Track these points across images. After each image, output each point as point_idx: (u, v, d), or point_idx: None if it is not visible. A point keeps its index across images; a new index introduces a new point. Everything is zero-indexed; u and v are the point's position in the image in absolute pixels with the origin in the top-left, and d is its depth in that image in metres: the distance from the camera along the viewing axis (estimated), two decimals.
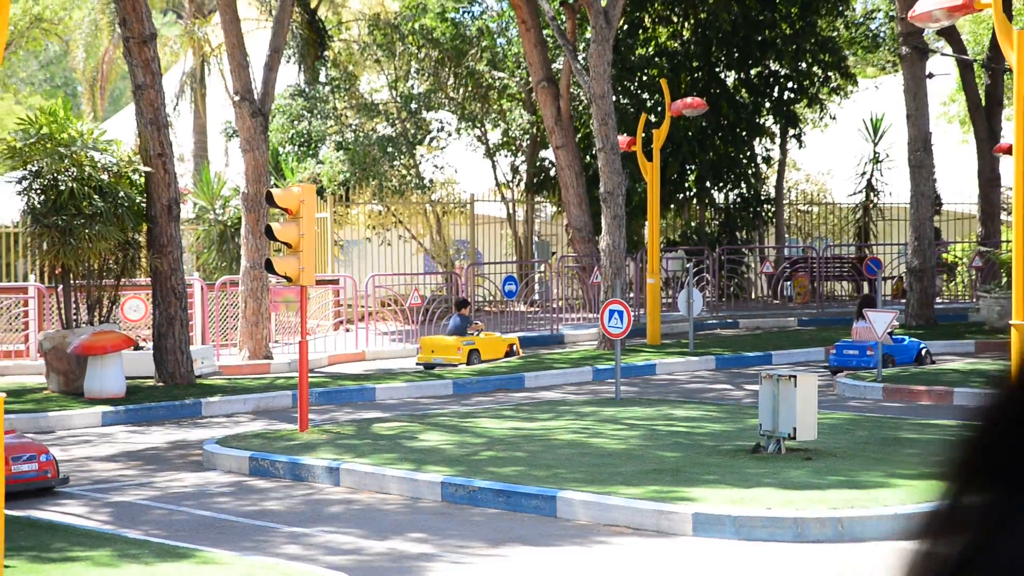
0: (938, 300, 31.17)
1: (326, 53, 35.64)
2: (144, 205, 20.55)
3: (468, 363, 23.07)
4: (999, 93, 34.24)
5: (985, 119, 33.47)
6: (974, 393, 18.20)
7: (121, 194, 19.99)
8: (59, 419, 17.90)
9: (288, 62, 32.25)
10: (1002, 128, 34.63)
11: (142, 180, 20.57)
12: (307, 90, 35.03)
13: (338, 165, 33.10)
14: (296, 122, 34.78)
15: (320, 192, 31.67)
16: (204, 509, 12.27)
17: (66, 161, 19.61)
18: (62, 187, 19.49)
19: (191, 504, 12.50)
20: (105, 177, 19.93)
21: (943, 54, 37.51)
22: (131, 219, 20.15)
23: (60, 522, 11.53)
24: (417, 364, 23.59)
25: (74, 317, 20.46)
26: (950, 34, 33.93)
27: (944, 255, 33.61)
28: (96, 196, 19.63)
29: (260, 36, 34.83)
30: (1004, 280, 27.23)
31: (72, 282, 20.39)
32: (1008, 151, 30.18)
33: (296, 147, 34.62)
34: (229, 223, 28.88)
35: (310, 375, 18.13)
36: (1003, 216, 35.50)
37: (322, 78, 35.61)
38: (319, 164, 33.62)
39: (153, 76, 20.51)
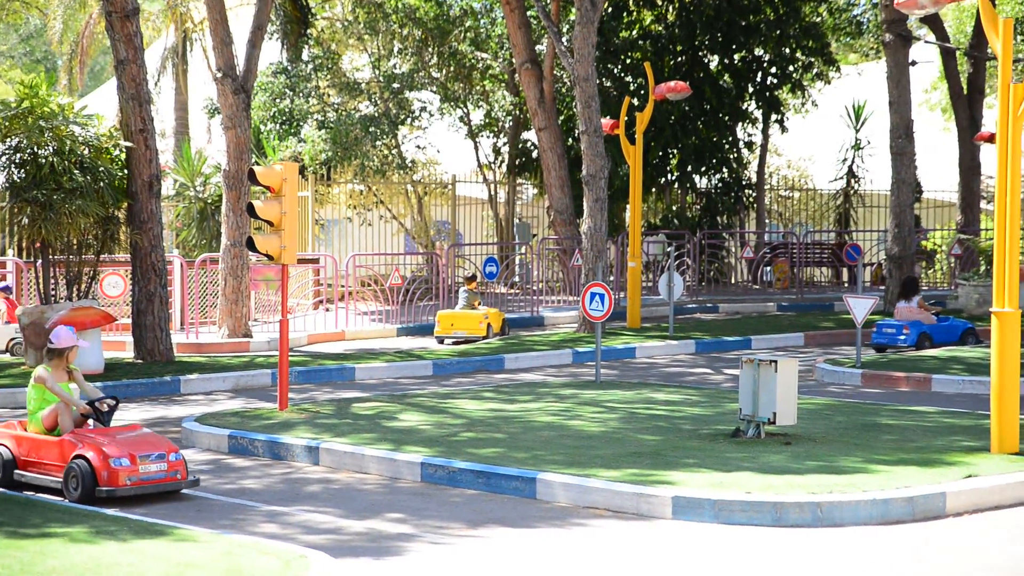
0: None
1: (309, 31, 35.47)
2: (125, 181, 20.45)
3: (486, 336, 23.98)
4: (981, 81, 34.33)
5: (967, 107, 33.56)
6: (952, 380, 18.30)
7: (102, 169, 19.88)
8: None
9: (271, 39, 32.04)
10: (983, 116, 34.73)
11: (123, 156, 20.45)
12: (290, 68, 34.87)
13: (320, 144, 32.99)
14: (278, 100, 34.62)
15: (302, 171, 31.56)
16: None
17: (47, 135, 19.48)
18: (42, 161, 19.36)
19: None
20: (86, 152, 19.82)
21: (926, 42, 37.57)
22: (111, 195, 20.03)
23: (37, 498, 11.49)
24: (436, 336, 24.15)
25: (53, 292, 20.37)
26: (933, 22, 33.98)
27: (923, 242, 33.70)
28: (76, 171, 19.52)
29: (243, 13, 34.66)
30: (983, 268, 27.35)
31: (51, 257, 20.29)
32: (989, 139, 30.28)
33: (278, 125, 34.47)
34: (209, 200, 28.76)
35: (290, 354, 18.09)
36: (983, 204, 35.63)
37: (305, 56, 35.45)
38: (301, 143, 33.48)
39: (135, 51, 20.37)
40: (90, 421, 12.09)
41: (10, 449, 12.12)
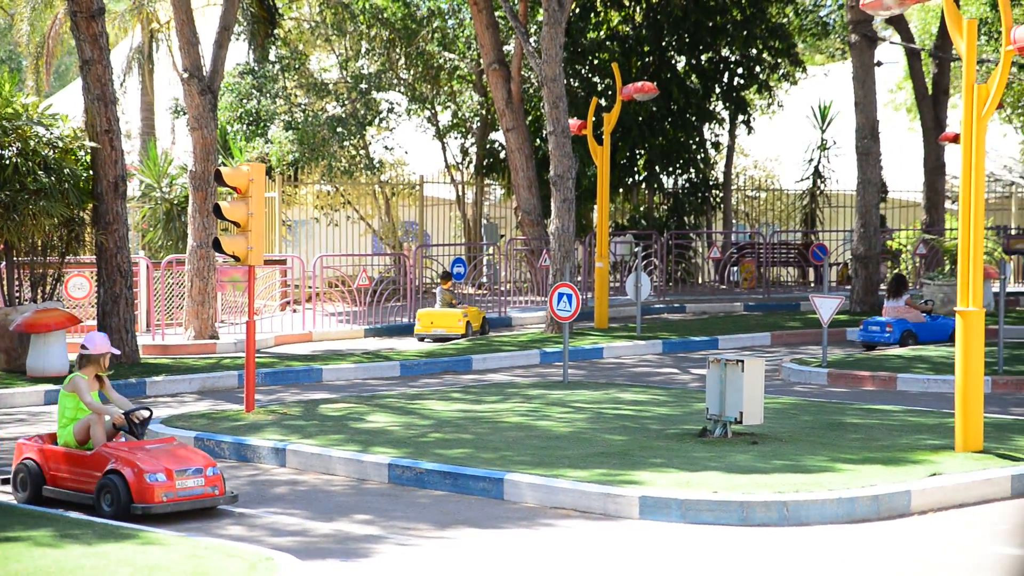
0: (882, 286, 31.42)
1: (276, 31, 35.36)
2: (90, 182, 20.31)
3: (465, 334, 24.13)
4: (945, 82, 34.54)
5: (932, 108, 33.76)
6: (916, 379, 18.41)
7: (67, 170, 19.72)
8: (0, 397, 17.70)
9: (238, 40, 31.90)
10: (948, 117, 34.94)
11: (88, 156, 20.32)
12: (256, 68, 34.74)
13: (287, 145, 32.88)
14: (245, 101, 34.48)
15: (268, 172, 31.45)
16: None
17: (10, 136, 19.33)
18: (6, 162, 19.20)
19: None
20: (50, 153, 19.66)
21: (892, 42, 37.80)
22: (76, 196, 19.89)
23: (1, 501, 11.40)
24: (416, 335, 24.37)
25: (17, 294, 20.22)
26: (898, 23, 34.19)
27: (889, 242, 33.90)
28: (41, 172, 19.37)
29: (210, 13, 34.49)
30: (947, 267, 27.54)
31: (15, 259, 20.14)
32: (954, 140, 30.48)
33: (245, 126, 34.33)
34: (176, 201, 28.62)
35: (257, 355, 18.01)
36: (947, 204, 35.85)
37: (272, 57, 35.33)
38: (268, 143, 33.36)
39: (101, 51, 20.24)
40: (122, 433, 11.54)
41: (38, 463, 11.47)
